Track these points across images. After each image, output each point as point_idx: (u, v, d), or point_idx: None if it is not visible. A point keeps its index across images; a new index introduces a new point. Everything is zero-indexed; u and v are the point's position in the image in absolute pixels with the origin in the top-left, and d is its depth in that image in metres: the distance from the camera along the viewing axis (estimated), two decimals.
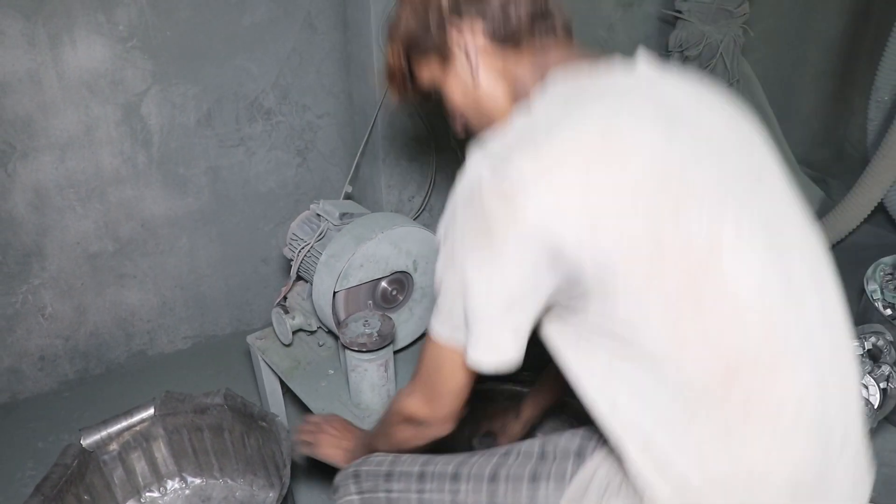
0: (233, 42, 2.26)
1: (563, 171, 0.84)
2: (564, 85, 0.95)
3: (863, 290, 2.35)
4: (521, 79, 1.05)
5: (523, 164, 0.85)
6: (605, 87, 0.94)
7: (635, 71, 0.98)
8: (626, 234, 0.83)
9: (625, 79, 0.96)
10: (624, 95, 0.92)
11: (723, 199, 0.87)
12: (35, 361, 2.36)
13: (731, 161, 0.91)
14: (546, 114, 0.90)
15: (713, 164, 0.89)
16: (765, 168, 0.97)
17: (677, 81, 0.98)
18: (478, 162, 0.90)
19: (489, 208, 0.87)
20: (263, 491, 1.91)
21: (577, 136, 0.86)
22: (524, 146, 0.87)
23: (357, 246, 1.75)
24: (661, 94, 0.94)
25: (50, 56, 2.03)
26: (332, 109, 2.50)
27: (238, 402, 1.79)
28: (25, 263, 2.22)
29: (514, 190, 0.85)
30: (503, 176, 0.86)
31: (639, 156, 0.85)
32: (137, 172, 2.27)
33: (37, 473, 2.10)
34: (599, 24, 2.97)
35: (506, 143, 0.89)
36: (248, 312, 2.67)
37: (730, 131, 0.95)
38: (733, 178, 0.90)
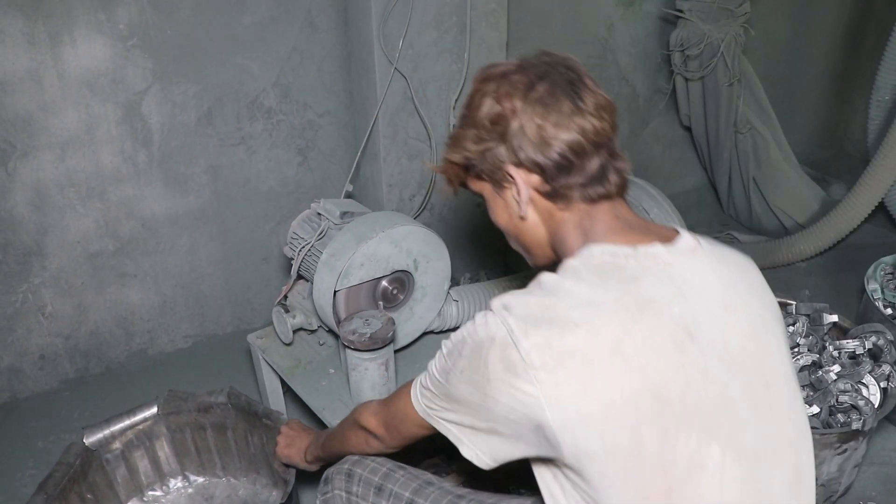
0: (233, 41, 2.25)
1: (569, 372, 0.88)
2: (600, 264, 0.97)
3: (863, 289, 2.35)
4: (563, 232, 1.07)
5: (535, 350, 0.89)
6: (635, 283, 0.94)
7: (673, 251, 0.99)
8: (610, 440, 0.88)
9: (657, 277, 0.95)
10: (650, 303, 0.92)
11: (717, 425, 0.91)
12: (35, 360, 2.36)
13: (740, 377, 0.95)
14: (572, 298, 0.92)
15: (721, 384, 0.92)
16: (774, 374, 0.99)
17: (712, 269, 1.00)
18: (496, 318, 0.94)
19: (493, 371, 0.92)
20: (267, 490, 1.91)
21: (592, 340, 0.89)
22: (541, 328, 0.90)
23: (358, 245, 1.75)
24: (688, 298, 0.95)
25: (50, 55, 2.03)
26: (333, 108, 2.50)
27: (242, 400, 1.79)
28: (26, 262, 2.22)
29: (518, 368, 0.89)
30: (513, 349, 0.90)
31: (644, 376, 0.88)
32: (138, 171, 2.27)
33: (37, 472, 2.10)
34: (600, 23, 2.98)
35: (527, 314, 0.92)
36: (249, 311, 2.67)
37: (749, 339, 0.98)
38: (738, 398, 0.93)
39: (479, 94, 1.08)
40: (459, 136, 1.12)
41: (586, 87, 1.04)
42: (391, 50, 2.19)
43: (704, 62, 3.00)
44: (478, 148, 1.08)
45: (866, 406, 1.80)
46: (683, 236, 1.02)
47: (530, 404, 0.89)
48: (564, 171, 1.02)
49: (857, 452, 1.83)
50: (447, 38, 2.27)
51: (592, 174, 1.03)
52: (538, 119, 1.01)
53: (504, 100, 1.04)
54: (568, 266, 0.98)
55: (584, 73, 1.06)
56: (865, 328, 2.01)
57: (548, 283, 0.96)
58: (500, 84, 1.05)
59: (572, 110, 1.01)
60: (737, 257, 1.06)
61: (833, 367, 1.92)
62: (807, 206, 3.23)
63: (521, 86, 1.03)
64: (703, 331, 0.93)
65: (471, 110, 1.10)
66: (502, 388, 0.91)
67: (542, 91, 1.02)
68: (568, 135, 1.01)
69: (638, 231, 1.03)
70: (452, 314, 2.04)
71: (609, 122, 1.05)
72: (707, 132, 3.25)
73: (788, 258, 2.99)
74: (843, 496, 1.94)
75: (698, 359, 0.91)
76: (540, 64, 1.06)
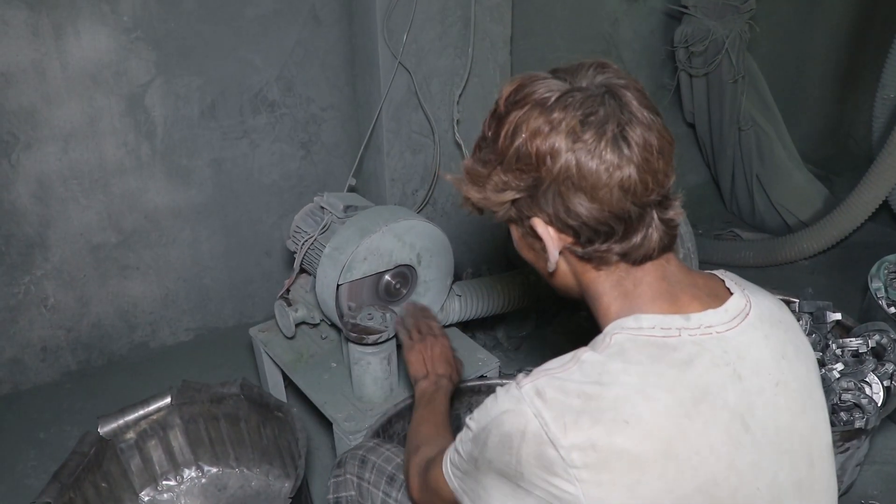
0: (237, 34, 2.25)
1: (614, 474, 0.79)
2: (649, 342, 0.85)
3: (867, 287, 2.34)
4: (598, 290, 0.94)
5: (576, 451, 0.79)
6: (689, 369, 0.84)
7: (726, 317, 0.89)
8: None
9: (712, 359, 0.85)
10: (704, 395, 0.83)
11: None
12: (37, 352, 2.36)
13: (788, 461, 0.89)
14: (619, 387, 0.82)
15: (771, 474, 0.86)
16: (819, 451, 0.93)
17: (764, 336, 0.90)
18: (527, 407, 0.83)
19: (526, 467, 0.82)
20: (279, 481, 1.92)
21: (643, 441, 0.79)
22: (583, 425, 0.80)
23: (361, 239, 1.75)
24: (743, 379, 0.86)
25: (54, 46, 2.02)
26: (337, 102, 2.50)
27: (254, 392, 1.80)
28: (28, 254, 2.22)
29: (556, 467, 0.80)
30: (550, 447, 0.80)
31: (696, 476, 0.81)
32: (141, 164, 2.27)
33: (38, 464, 2.10)
34: (605, 19, 2.97)
35: (565, 406, 0.81)
36: (251, 305, 2.67)
37: (798, 417, 0.91)
38: (784, 484, 0.88)
39: (510, 122, 0.88)
40: (480, 174, 0.94)
41: (639, 125, 0.85)
42: (395, 44, 2.18)
43: (709, 58, 2.99)
44: (502, 197, 0.92)
45: (869, 405, 1.79)
46: (734, 296, 0.92)
47: (569, 501, 0.80)
48: (603, 237, 0.88)
49: (860, 451, 1.83)
50: (451, 32, 2.26)
51: (636, 242, 0.89)
52: (577, 176, 0.84)
53: (539, 140, 0.85)
54: (613, 343, 0.86)
55: (637, 108, 0.86)
56: (869, 326, 2.01)
57: (591, 365, 0.84)
58: (538, 117, 0.86)
59: (618, 163, 0.83)
60: (781, 314, 0.96)
61: (836, 366, 1.92)
62: (810, 203, 3.22)
63: (564, 127, 0.84)
64: (756, 416, 0.86)
65: (498, 139, 0.90)
66: (537, 482, 0.82)
67: (586, 138, 0.83)
68: (610, 198, 0.84)
69: (688, 292, 0.91)
70: (455, 309, 2.04)
71: (663, 170, 0.87)
72: (711, 129, 3.24)
73: (791, 256, 2.99)
74: (845, 495, 1.94)
75: (751, 451, 0.84)
76: (587, 98, 0.85)
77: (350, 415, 1.79)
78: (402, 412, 1.73)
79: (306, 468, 1.62)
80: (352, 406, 1.82)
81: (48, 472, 1.98)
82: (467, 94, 2.37)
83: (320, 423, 2.11)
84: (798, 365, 0.93)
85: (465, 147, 2.38)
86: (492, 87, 2.42)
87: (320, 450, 2.11)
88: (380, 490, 1.31)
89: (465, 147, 2.38)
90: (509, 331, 2.41)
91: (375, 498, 1.32)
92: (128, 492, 1.85)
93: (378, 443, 1.40)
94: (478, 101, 2.41)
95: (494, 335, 2.42)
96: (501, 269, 2.61)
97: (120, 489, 1.83)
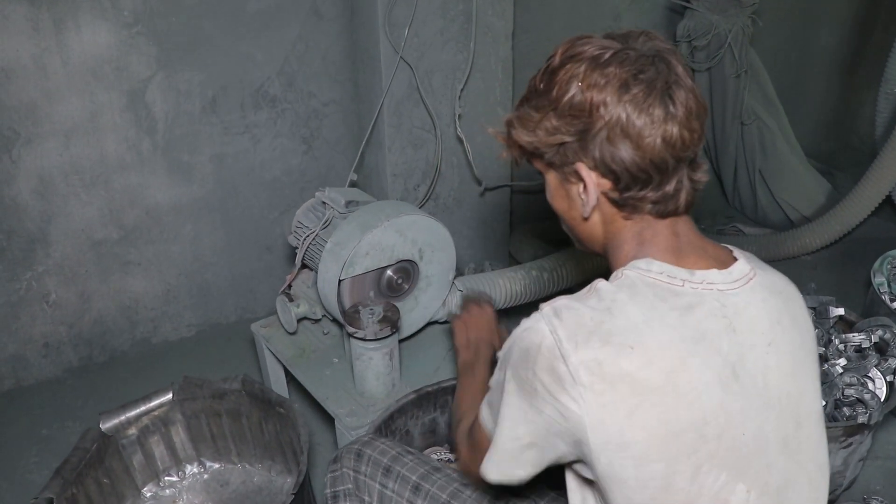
0: (238, 29, 2.24)
1: (616, 396, 0.86)
2: (656, 283, 0.93)
3: (870, 283, 2.34)
4: (620, 240, 1.01)
5: (583, 368, 0.86)
6: (689, 313, 0.91)
7: (729, 278, 0.96)
8: (645, 470, 0.87)
9: (710, 309, 0.92)
10: (702, 337, 0.90)
11: (747, 464, 0.91)
12: (39, 348, 2.36)
13: (775, 417, 0.94)
14: (627, 317, 0.89)
15: (756, 424, 0.92)
16: (807, 414, 0.99)
17: (762, 300, 0.96)
18: (545, 324, 0.91)
19: (540, 379, 0.89)
20: (281, 477, 1.92)
21: (645, 367, 0.86)
22: (593, 344, 0.87)
23: (363, 234, 1.74)
24: (736, 332, 0.93)
25: (54, 41, 2.02)
26: (338, 97, 2.49)
27: (256, 387, 1.80)
28: (30, 250, 2.22)
29: (566, 382, 0.87)
30: (561, 361, 0.88)
31: (691, 412, 0.87)
32: (142, 159, 2.27)
33: (40, 460, 2.10)
34: (607, 13, 2.96)
35: (579, 325, 0.89)
36: (253, 301, 2.67)
37: (788, 378, 0.96)
38: (770, 437, 0.93)
39: (565, 74, 0.95)
40: (532, 118, 1.00)
41: (682, 88, 0.94)
42: (396, 39, 2.17)
43: (711, 53, 2.98)
44: (552, 140, 0.98)
45: (872, 400, 1.79)
46: (739, 262, 0.99)
47: (573, 420, 0.88)
48: (640, 184, 0.95)
49: (863, 446, 1.83)
50: (453, 26, 2.25)
51: (668, 191, 0.96)
52: (626, 125, 0.91)
53: (594, 91, 0.92)
54: (624, 277, 0.94)
55: (682, 73, 0.95)
56: (872, 322, 2.00)
57: (604, 292, 0.92)
58: (593, 71, 0.93)
59: (664, 118, 0.92)
60: (784, 285, 1.02)
61: (839, 361, 1.91)
62: (813, 198, 3.22)
63: (616, 81, 0.91)
64: (746, 368, 0.92)
65: (552, 89, 0.97)
66: (547, 399, 0.89)
67: (636, 92, 0.91)
68: (653, 147, 0.92)
69: (696, 252, 0.99)
70: (457, 304, 2.04)
71: (698, 131, 0.96)
72: (713, 123, 3.23)
73: (794, 251, 2.98)
74: (848, 490, 1.93)
75: (739, 398, 0.90)
76: (639, 57, 0.93)
77: (352, 410, 1.79)
78: (404, 408, 1.73)
79: (308, 464, 1.62)
80: (354, 401, 1.82)
81: (50, 467, 1.97)
82: (469, 88, 2.36)
83: (322, 418, 2.11)
84: (793, 333, 0.99)
85: (466, 142, 2.38)
86: (493, 81, 2.41)
87: (322, 445, 2.11)
88: (376, 482, 1.32)
89: (466, 142, 2.38)
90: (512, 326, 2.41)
91: (372, 490, 1.33)
92: (130, 488, 1.86)
93: (373, 437, 1.42)
94: (479, 96, 2.40)
95: None
96: (504, 264, 2.61)
97: (122, 485, 1.83)
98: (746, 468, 0.91)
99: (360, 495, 1.35)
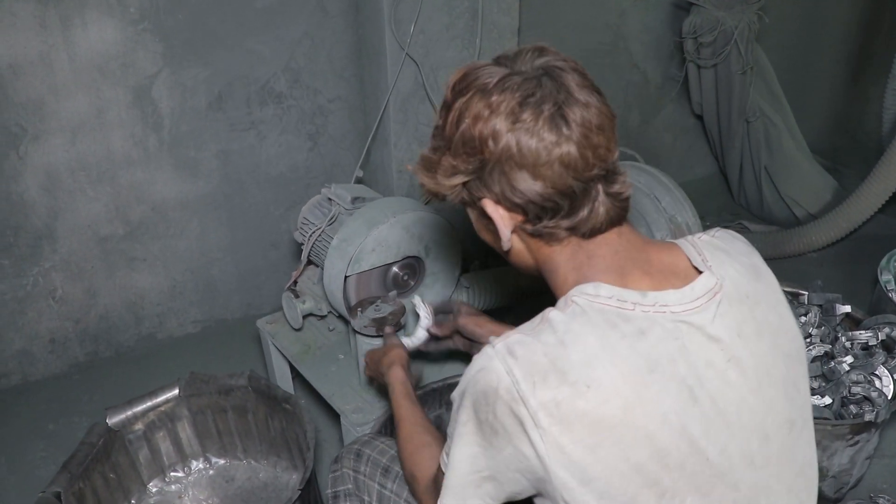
0: (244, 25, 2.24)
1: (575, 436, 0.84)
2: (606, 310, 0.88)
3: (876, 280, 2.33)
4: (552, 265, 0.98)
5: (542, 411, 0.84)
6: (642, 340, 0.87)
7: (686, 297, 0.91)
8: (608, 503, 0.86)
9: (663, 332, 0.88)
10: (656, 365, 0.87)
11: (712, 486, 0.89)
12: (46, 344, 2.37)
13: (739, 434, 0.91)
14: (582, 350, 0.86)
15: (719, 445, 0.89)
16: (775, 425, 0.95)
17: (721, 315, 0.91)
18: (499, 364, 0.87)
19: (502, 421, 0.87)
20: (287, 473, 1.92)
21: (602, 406, 0.84)
22: (550, 384, 0.84)
23: (369, 230, 1.74)
24: (691, 353, 0.89)
25: (61, 38, 2.02)
26: (344, 93, 2.49)
27: (262, 384, 1.80)
28: (36, 246, 2.22)
29: (527, 425, 0.85)
30: (521, 405, 0.85)
31: (651, 444, 0.85)
32: (148, 155, 2.27)
33: (47, 455, 2.11)
34: (612, 10, 2.95)
35: (534, 365, 0.86)
36: (258, 297, 2.67)
37: (750, 392, 0.92)
38: (734, 456, 0.90)
39: (454, 110, 0.93)
40: (433, 163, 0.98)
41: (576, 104, 0.89)
42: (402, 35, 2.17)
43: (717, 50, 2.97)
44: (452, 182, 0.96)
45: (879, 398, 1.79)
46: (704, 277, 0.93)
47: (535, 460, 0.86)
48: (550, 213, 0.92)
49: (869, 444, 1.82)
50: (459, 23, 2.25)
51: (581, 215, 0.92)
52: (519, 156, 0.89)
53: (481, 124, 0.90)
54: (574, 305, 0.90)
55: (576, 87, 0.90)
56: (878, 319, 2.00)
57: (556, 323, 0.88)
58: (479, 102, 0.90)
59: (556, 141, 0.88)
60: (749, 287, 0.96)
61: (846, 358, 1.91)
62: (819, 196, 3.21)
63: (503, 110, 0.89)
64: (705, 388, 0.89)
65: (445, 127, 0.95)
66: (508, 439, 0.87)
67: (525, 118, 0.88)
68: (553, 174, 0.89)
69: (640, 268, 0.94)
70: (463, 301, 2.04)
71: (604, 145, 0.91)
72: (719, 120, 3.22)
73: (800, 248, 2.97)
74: (854, 488, 1.93)
75: (700, 421, 0.88)
76: (524, 80, 0.90)
77: (358, 407, 1.80)
78: None
79: (314, 460, 1.62)
80: (359, 398, 1.82)
81: (57, 462, 1.98)
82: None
83: (328, 415, 2.11)
84: (757, 342, 0.94)
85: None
86: None
87: (328, 442, 2.11)
88: (375, 482, 1.33)
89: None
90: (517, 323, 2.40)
91: (371, 489, 1.33)
92: (136, 482, 1.86)
93: (373, 436, 1.42)
94: None
95: None
96: None
97: (128, 480, 1.84)
98: (711, 490, 0.89)
99: (360, 495, 1.35)
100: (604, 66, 3.04)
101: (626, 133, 3.26)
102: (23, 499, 1.97)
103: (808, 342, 1.96)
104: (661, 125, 3.36)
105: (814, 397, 1.81)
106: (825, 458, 1.77)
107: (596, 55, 2.99)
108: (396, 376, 1.39)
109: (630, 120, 3.26)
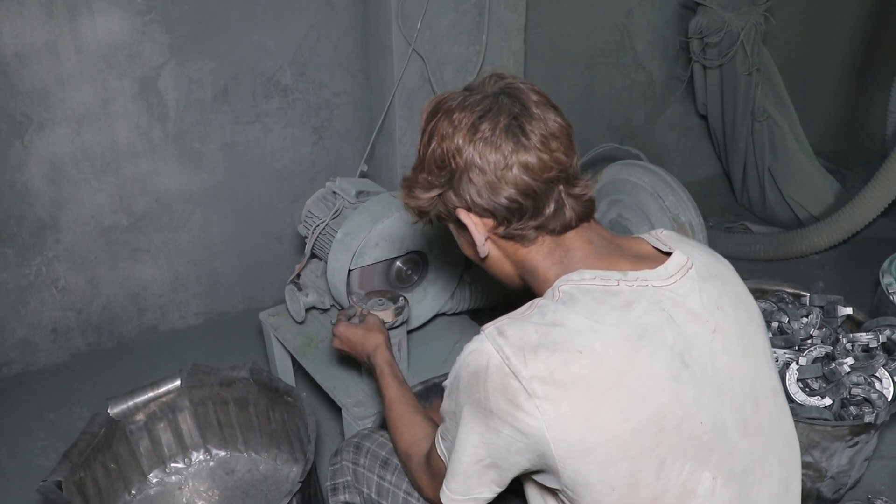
0: (251, 17, 2.24)
1: (572, 402, 0.87)
2: (592, 289, 0.94)
3: (878, 282, 2.33)
4: (531, 265, 1.05)
5: (536, 380, 0.87)
6: (629, 310, 0.92)
7: (664, 273, 0.97)
8: (611, 472, 0.88)
9: (648, 303, 0.93)
10: (645, 331, 0.91)
11: (709, 451, 0.92)
12: (48, 333, 2.37)
13: (730, 401, 0.95)
14: (572, 324, 0.90)
15: (712, 410, 0.93)
16: (763, 392, 1.00)
17: (700, 289, 0.97)
18: (488, 345, 0.91)
19: (495, 400, 0.90)
20: (287, 465, 1.92)
21: (596, 370, 0.87)
22: (541, 356, 0.88)
23: (373, 224, 1.75)
24: (678, 324, 0.94)
25: (68, 27, 2.02)
26: (349, 88, 2.49)
27: (264, 376, 1.80)
28: (40, 235, 2.23)
29: (521, 398, 0.88)
30: (513, 378, 0.88)
31: (646, 407, 0.88)
32: (153, 147, 2.27)
33: (48, 444, 2.12)
34: (619, 9, 2.95)
35: (524, 341, 0.90)
36: (261, 290, 2.67)
37: (737, 360, 0.97)
38: (728, 422, 0.94)
39: (426, 133, 1.05)
40: (411, 181, 1.09)
41: (532, 117, 0.98)
42: (409, 30, 2.17)
43: (723, 50, 2.97)
44: (428, 195, 1.06)
45: (879, 399, 1.79)
46: (675, 255, 0.99)
47: (534, 435, 0.88)
48: (517, 215, 1.00)
49: (868, 446, 1.83)
50: (465, 19, 2.25)
51: (547, 213, 1.00)
52: (481, 163, 0.98)
53: (447, 141, 1.00)
54: (560, 293, 0.95)
55: (532, 103, 1.00)
56: (879, 322, 2.00)
57: (545, 308, 0.93)
58: (443, 121, 1.02)
59: (514, 149, 0.97)
60: (718, 267, 1.04)
61: (846, 360, 1.91)
62: (822, 198, 3.21)
63: (465, 125, 0.99)
64: (694, 356, 0.93)
65: (420, 149, 1.07)
66: (504, 418, 0.89)
67: (484, 130, 0.98)
68: (514, 178, 0.97)
69: (615, 252, 1.02)
70: (466, 297, 2.04)
71: (561, 150, 0.99)
72: (723, 121, 3.22)
73: (802, 250, 2.97)
74: (853, 489, 1.93)
75: (692, 386, 0.91)
76: (483, 98, 1.00)
77: (359, 400, 1.80)
78: None
79: (315, 453, 1.62)
80: (361, 391, 1.82)
81: (58, 451, 1.99)
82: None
83: (329, 408, 2.12)
84: (737, 314, 1.00)
85: None
86: None
87: (329, 435, 2.12)
88: (374, 474, 1.34)
89: None
90: None
91: (371, 482, 1.34)
92: (136, 473, 1.86)
93: (372, 430, 1.44)
94: None
95: None
96: None
97: (129, 470, 1.84)
98: (709, 456, 0.91)
99: (360, 487, 1.37)
100: (609, 64, 3.04)
101: (631, 132, 3.26)
102: (24, 488, 1.98)
103: (809, 343, 1.96)
104: (665, 125, 3.36)
105: (814, 398, 1.82)
106: (824, 459, 1.78)
107: (601, 54, 2.99)
108: (383, 356, 1.42)
109: (634, 119, 3.26)
